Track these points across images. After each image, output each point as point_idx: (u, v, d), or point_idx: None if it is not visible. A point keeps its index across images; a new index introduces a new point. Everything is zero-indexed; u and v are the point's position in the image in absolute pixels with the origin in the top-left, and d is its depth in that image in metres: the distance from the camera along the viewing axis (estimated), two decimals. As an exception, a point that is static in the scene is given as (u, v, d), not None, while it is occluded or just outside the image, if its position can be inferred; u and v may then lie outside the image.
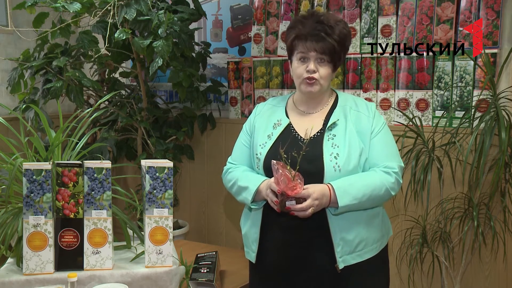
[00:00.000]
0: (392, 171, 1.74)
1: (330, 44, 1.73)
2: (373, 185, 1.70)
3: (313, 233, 1.75)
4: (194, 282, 1.96)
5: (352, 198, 1.66)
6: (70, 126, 1.96)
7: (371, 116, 1.80)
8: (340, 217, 1.72)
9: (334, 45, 1.73)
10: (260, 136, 1.86)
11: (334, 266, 1.73)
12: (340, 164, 1.70)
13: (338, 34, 1.74)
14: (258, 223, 1.85)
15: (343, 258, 1.73)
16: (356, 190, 1.67)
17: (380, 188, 1.71)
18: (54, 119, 2.75)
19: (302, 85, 1.79)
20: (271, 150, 1.80)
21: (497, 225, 2.41)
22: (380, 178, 1.72)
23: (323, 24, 1.74)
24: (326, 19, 1.75)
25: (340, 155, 1.71)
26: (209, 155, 3.51)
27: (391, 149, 1.80)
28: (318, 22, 1.74)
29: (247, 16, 3.38)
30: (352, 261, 1.74)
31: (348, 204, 1.66)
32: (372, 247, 1.78)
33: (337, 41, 1.74)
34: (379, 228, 1.82)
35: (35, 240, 1.71)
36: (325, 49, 1.73)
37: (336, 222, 1.72)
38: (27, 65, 2.94)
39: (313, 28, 1.74)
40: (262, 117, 1.91)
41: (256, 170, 1.86)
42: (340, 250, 1.72)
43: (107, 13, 2.83)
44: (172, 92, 3.69)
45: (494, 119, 2.27)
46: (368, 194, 1.69)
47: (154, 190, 1.77)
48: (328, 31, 1.73)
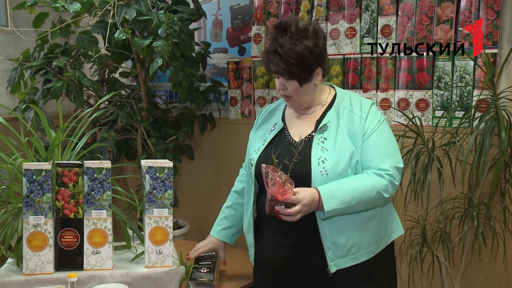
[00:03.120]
0: (385, 173, 1.69)
1: (282, 68, 1.69)
2: (363, 188, 1.66)
3: (304, 237, 1.74)
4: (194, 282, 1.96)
5: (339, 202, 1.63)
6: (70, 126, 1.96)
7: (364, 117, 1.75)
8: (329, 221, 1.69)
9: (286, 68, 1.69)
10: (256, 141, 1.87)
11: (325, 270, 1.71)
12: (327, 168, 1.67)
13: (293, 57, 1.67)
14: (251, 228, 1.87)
15: (335, 262, 1.71)
16: (344, 193, 1.64)
17: (371, 191, 1.67)
18: (54, 119, 2.75)
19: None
20: (262, 155, 1.79)
21: (497, 225, 2.41)
22: (372, 181, 1.68)
23: (279, 44, 1.68)
24: (285, 38, 1.68)
25: (328, 159, 1.68)
26: (209, 155, 3.51)
27: (385, 149, 1.74)
28: (275, 41, 1.70)
29: (247, 16, 3.38)
30: (346, 264, 1.72)
31: (334, 208, 1.63)
32: (367, 249, 1.75)
33: (291, 64, 1.68)
34: (375, 231, 1.77)
35: (35, 240, 1.71)
36: (280, 71, 1.71)
37: (326, 227, 1.70)
38: (27, 65, 2.94)
39: (269, 48, 1.71)
40: (262, 122, 1.93)
41: (249, 176, 1.87)
42: (331, 254, 1.70)
43: (107, 13, 2.83)
44: (172, 92, 3.69)
45: (494, 119, 2.27)
46: (357, 197, 1.65)
47: (154, 190, 1.77)
48: (280, 52, 1.67)
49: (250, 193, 1.87)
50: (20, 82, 3.01)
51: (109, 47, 2.93)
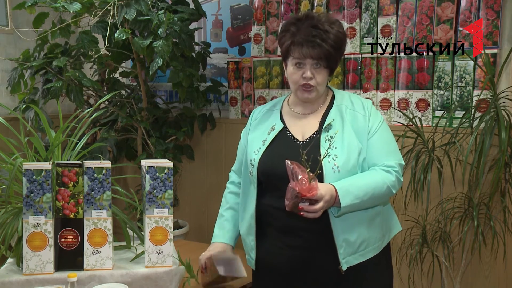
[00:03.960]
0: (392, 169, 1.73)
1: (326, 50, 1.70)
2: (374, 184, 1.69)
3: (315, 236, 1.74)
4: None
5: (353, 198, 1.65)
6: (70, 126, 1.96)
7: (367, 115, 1.78)
8: (342, 218, 1.71)
9: (330, 51, 1.71)
10: (255, 142, 1.85)
11: (337, 267, 1.73)
12: (339, 165, 1.69)
13: (333, 39, 1.71)
14: (253, 230, 1.84)
15: (346, 259, 1.72)
16: (357, 189, 1.66)
17: (382, 187, 1.70)
18: (54, 119, 2.75)
19: (298, 91, 1.78)
20: (264, 156, 1.79)
21: (497, 225, 2.41)
22: (381, 177, 1.71)
23: (318, 29, 1.71)
24: (321, 23, 1.72)
25: (338, 156, 1.70)
26: (209, 155, 3.51)
27: (389, 147, 1.78)
28: (313, 27, 1.71)
29: (247, 16, 3.38)
30: (355, 261, 1.74)
31: (350, 204, 1.64)
32: (374, 246, 1.78)
33: (333, 47, 1.71)
34: (380, 227, 1.81)
35: (35, 240, 1.71)
36: (321, 55, 1.71)
37: (339, 224, 1.71)
38: (27, 65, 2.95)
39: (308, 33, 1.71)
40: (258, 123, 1.90)
41: (248, 178, 1.85)
42: (343, 251, 1.71)
43: (107, 13, 2.83)
44: (172, 92, 3.69)
45: (494, 119, 2.27)
46: (370, 192, 1.68)
47: (154, 190, 1.77)
48: (324, 36, 1.70)
49: (249, 194, 1.85)
50: (20, 82, 3.01)
51: (109, 47, 2.93)
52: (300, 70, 1.75)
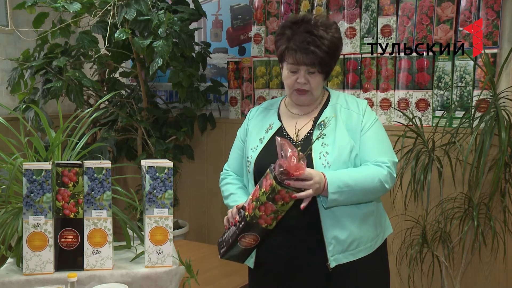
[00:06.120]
0: (384, 164, 1.72)
1: (320, 57, 1.70)
2: (365, 174, 1.69)
3: (306, 232, 1.75)
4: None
5: (342, 184, 1.63)
6: (70, 126, 1.95)
7: (361, 113, 1.79)
8: (332, 214, 1.70)
9: (324, 57, 1.71)
10: (252, 140, 1.86)
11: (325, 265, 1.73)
12: (329, 161, 1.70)
13: (328, 45, 1.70)
14: None
15: (334, 257, 1.72)
16: (347, 177, 1.65)
17: (373, 179, 1.68)
18: (54, 119, 2.75)
19: (293, 95, 1.79)
20: (262, 154, 1.79)
21: (497, 225, 2.41)
22: (373, 170, 1.70)
23: (313, 35, 1.70)
24: (316, 28, 1.71)
25: (329, 153, 1.71)
26: (209, 155, 3.51)
27: (382, 144, 1.78)
28: (308, 32, 1.70)
29: (247, 16, 3.38)
30: (345, 260, 1.73)
31: (338, 190, 1.62)
32: (366, 246, 1.77)
33: (327, 53, 1.70)
34: (373, 227, 1.80)
35: (35, 240, 1.71)
36: (315, 61, 1.71)
37: (329, 220, 1.71)
38: (27, 65, 2.95)
39: (302, 39, 1.70)
40: (255, 121, 1.91)
41: (246, 175, 1.86)
42: (332, 249, 1.71)
43: (107, 13, 2.83)
44: (172, 92, 3.69)
45: (494, 119, 2.27)
46: (360, 183, 1.66)
47: (154, 190, 1.77)
48: (318, 42, 1.69)
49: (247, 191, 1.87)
50: (20, 82, 3.01)
51: (109, 47, 2.93)
52: (294, 75, 1.75)
